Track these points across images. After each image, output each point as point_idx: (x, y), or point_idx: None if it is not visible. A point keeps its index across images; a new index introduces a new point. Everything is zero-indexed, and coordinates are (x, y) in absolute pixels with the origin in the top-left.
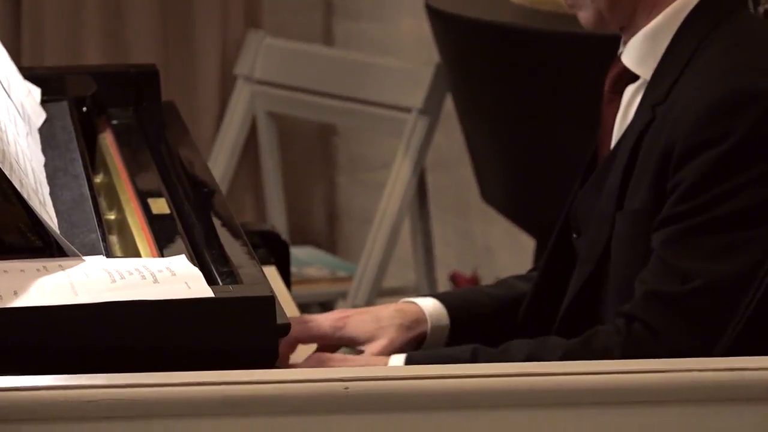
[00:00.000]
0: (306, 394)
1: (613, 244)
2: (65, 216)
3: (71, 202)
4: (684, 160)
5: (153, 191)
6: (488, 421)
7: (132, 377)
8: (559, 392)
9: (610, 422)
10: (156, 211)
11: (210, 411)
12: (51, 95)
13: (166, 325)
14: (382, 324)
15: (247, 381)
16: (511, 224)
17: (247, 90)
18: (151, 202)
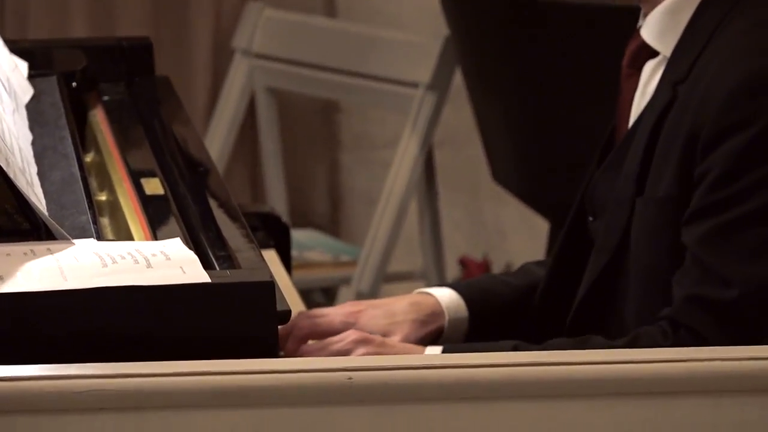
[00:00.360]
0: (307, 385)
1: (634, 232)
2: (54, 197)
3: (60, 183)
4: (711, 146)
5: (146, 171)
6: (506, 413)
7: (123, 367)
8: (585, 382)
9: (654, 413)
10: (149, 192)
11: (205, 402)
12: (39, 70)
13: (160, 313)
14: (396, 319)
15: (245, 371)
16: (524, 206)
17: (245, 64)
18: (144, 182)
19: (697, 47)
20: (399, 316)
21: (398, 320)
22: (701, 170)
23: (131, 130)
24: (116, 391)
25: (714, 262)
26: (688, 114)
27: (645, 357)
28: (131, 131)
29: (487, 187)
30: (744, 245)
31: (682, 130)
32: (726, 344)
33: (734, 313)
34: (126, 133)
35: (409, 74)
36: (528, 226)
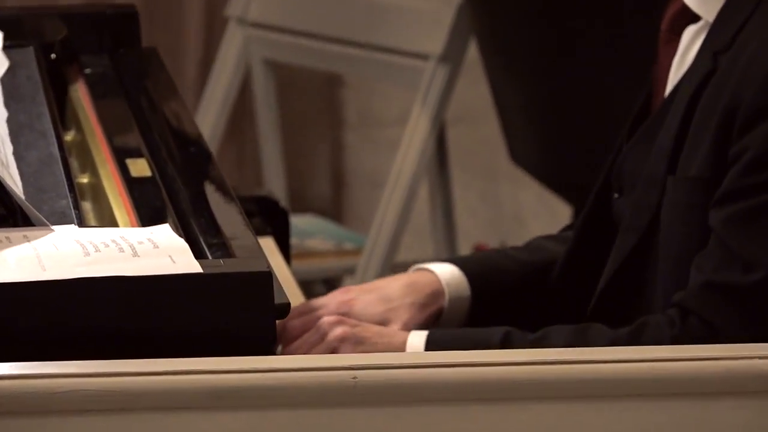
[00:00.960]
0: (308, 385)
1: (664, 213)
2: (31, 179)
3: (38, 164)
4: (749, 124)
5: (132, 151)
6: (516, 414)
7: (108, 365)
8: (595, 383)
9: (654, 415)
10: (135, 174)
11: (198, 404)
12: (14, 40)
13: (147, 306)
14: (393, 305)
15: (240, 369)
16: (545, 189)
17: (240, 34)
18: (129, 163)
19: (741, 16)
20: (395, 300)
21: (395, 306)
22: (736, 150)
23: (115, 106)
24: (100, 392)
25: (737, 245)
26: (727, 88)
27: (650, 356)
28: (115, 107)
29: (505, 169)
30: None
31: (719, 106)
32: (739, 333)
33: (754, 299)
34: (110, 109)
35: (419, 45)
36: (549, 210)
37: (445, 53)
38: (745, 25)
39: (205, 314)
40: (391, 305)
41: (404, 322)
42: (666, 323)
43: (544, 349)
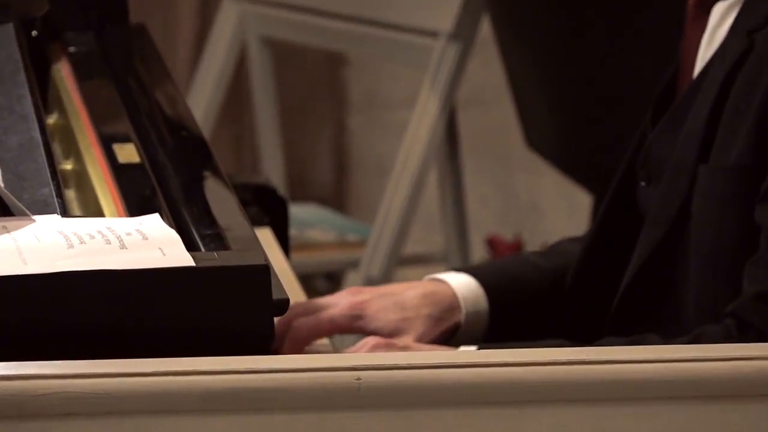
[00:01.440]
0: (308, 387)
1: (695, 204)
2: (11, 166)
3: (18, 149)
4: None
5: (119, 135)
6: (530, 418)
7: (93, 365)
8: (621, 384)
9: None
10: (123, 160)
11: (191, 406)
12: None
13: (136, 301)
14: (408, 314)
15: (235, 370)
16: (563, 176)
17: (235, 10)
18: (117, 148)
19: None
20: (411, 310)
21: (410, 315)
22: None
23: (101, 88)
24: (86, 394)
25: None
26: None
27: (712, 354)
28: (101, 89)
29: (520, 155)
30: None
31: (759, 87)
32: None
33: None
34: (95, 90)
35: (428, 22)
36: (567, 200)
37: (455, 30)
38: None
39: (197, 311)
40: (407, 314)
41: (419, 335)
42: (723, 335)
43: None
